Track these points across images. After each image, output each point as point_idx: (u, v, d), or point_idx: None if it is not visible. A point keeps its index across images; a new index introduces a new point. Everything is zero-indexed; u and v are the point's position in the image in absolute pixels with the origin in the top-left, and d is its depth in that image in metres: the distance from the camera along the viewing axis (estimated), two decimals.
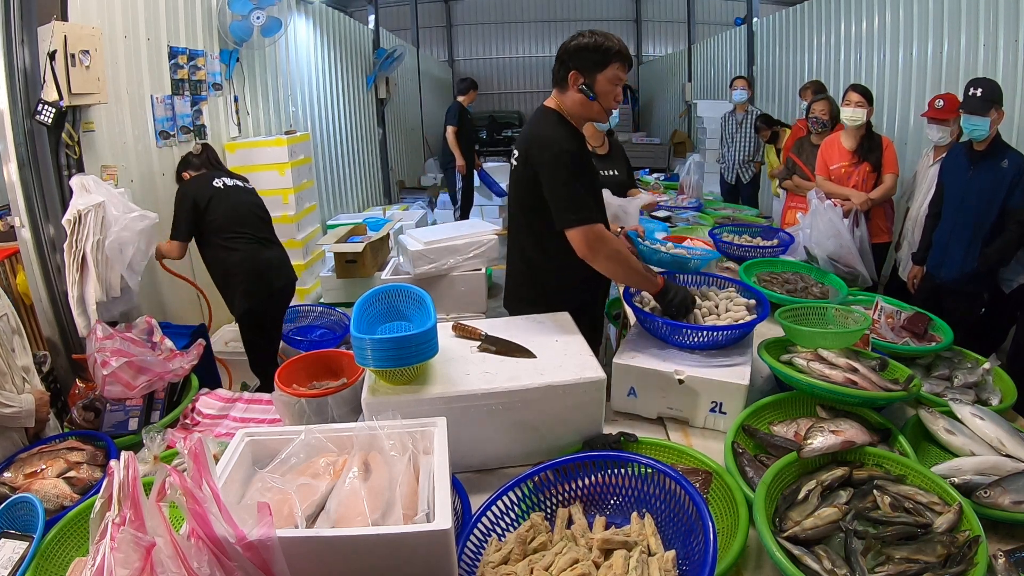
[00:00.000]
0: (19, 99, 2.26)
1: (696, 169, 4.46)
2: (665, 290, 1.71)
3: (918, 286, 2.95)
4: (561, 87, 1.74)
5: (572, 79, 1.70)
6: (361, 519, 0.95)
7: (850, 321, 1.70)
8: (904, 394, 1.43)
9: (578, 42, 1.69)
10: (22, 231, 2.35)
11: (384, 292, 1.56)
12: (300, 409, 1.51)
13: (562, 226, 1.66)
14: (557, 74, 1.74)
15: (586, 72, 1.69)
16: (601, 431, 1.43)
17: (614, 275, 1.71)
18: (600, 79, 1.69)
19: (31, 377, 1.80)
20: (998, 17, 3.41)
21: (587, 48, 1.68)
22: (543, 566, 1.01)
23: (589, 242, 1.64)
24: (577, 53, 1.69)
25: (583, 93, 1.70)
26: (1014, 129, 3.22)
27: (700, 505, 1.00)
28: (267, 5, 3.85)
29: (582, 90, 1.70)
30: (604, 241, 1.65)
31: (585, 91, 1.70)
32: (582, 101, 1.72)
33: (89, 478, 1.49)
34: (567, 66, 1.70)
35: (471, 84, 6.30)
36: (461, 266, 3.38)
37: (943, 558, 1.03)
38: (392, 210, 6.01)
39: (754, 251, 2.79)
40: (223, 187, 2.79)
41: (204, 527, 0.81)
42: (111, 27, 2.85)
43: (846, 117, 3.13)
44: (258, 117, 4.41)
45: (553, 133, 1.69)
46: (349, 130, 6.48)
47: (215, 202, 2.71)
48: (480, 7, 14.86)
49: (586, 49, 1.68)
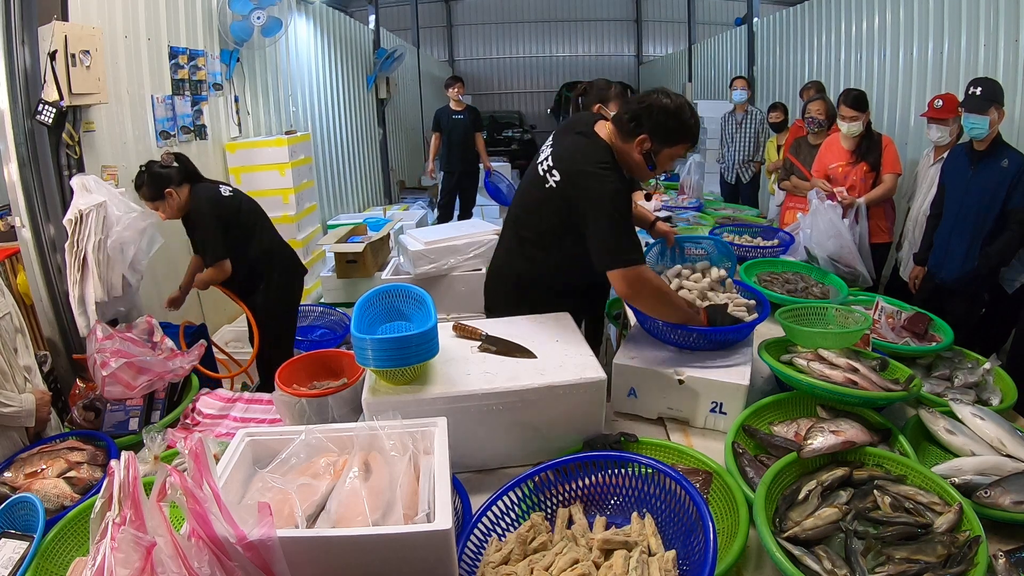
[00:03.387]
0: (20, 99, 2.26)
1: (696, 169, 4.45)
2: (710, 321, 1.65)
3: (919, 286, 2.94)
4: (624, 135, 1.62)
5: (640, 142, 1.60)
6: (361, 519, 0.95)
7: (850, 321, 1.70)
8: (904, 394, 1.43)
9: (662, 104, 1.57)
10: (23, 231, 2.35)
11: (384, 292, 1.57)
12: (300, 409, 1.51)
13: (603, 267, 1.58)
14: (625, 123, 1.61)
15: (656, 140, 1.59)
16: (601, 431, 1.43)
17: (657, 314, 1.62)
18: (665, 153, 1.62)
19: (33, 377, 1.79)
20: (998, 17, 3.42)
21: (668, 116, 1.57)
22: (543, 566, 1.01)
23: (631, 284, 1.57)
24: (655, 117, 1.57)
25: (645, 159, 1.61)
26: (1014, 129, 3.21)
27: (700, 505, 1.00)
28: (267, 5, 3.85)
29: (646, 156, 1.61)
30: (645, 282, 1.58)
31: (648, 159, 1.61)
32: (637, 161, 1.63)
33: (89, 478, 1.49)
34: (641, 126, 1.58)
35: (452, 80, 6.19)
36: (461, 266, 3.37)
37: (943, 558, 1.03)
38: (392, 210, 6.01)
39: (754, 251, 2.79)
40: (233, 194, 2.76)
41: (204, 527, 0.81)
42: (111, 27, 2.85)
43: (843, 130, 3.13)
44: (258, 117, 4.41)
45: (607, 172, 1.59)
46: (349, 130, 6.48)
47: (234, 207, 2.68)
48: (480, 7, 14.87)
49: (667, 117, 1.57)
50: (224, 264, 2.61)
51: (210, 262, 2.62)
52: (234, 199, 2.74)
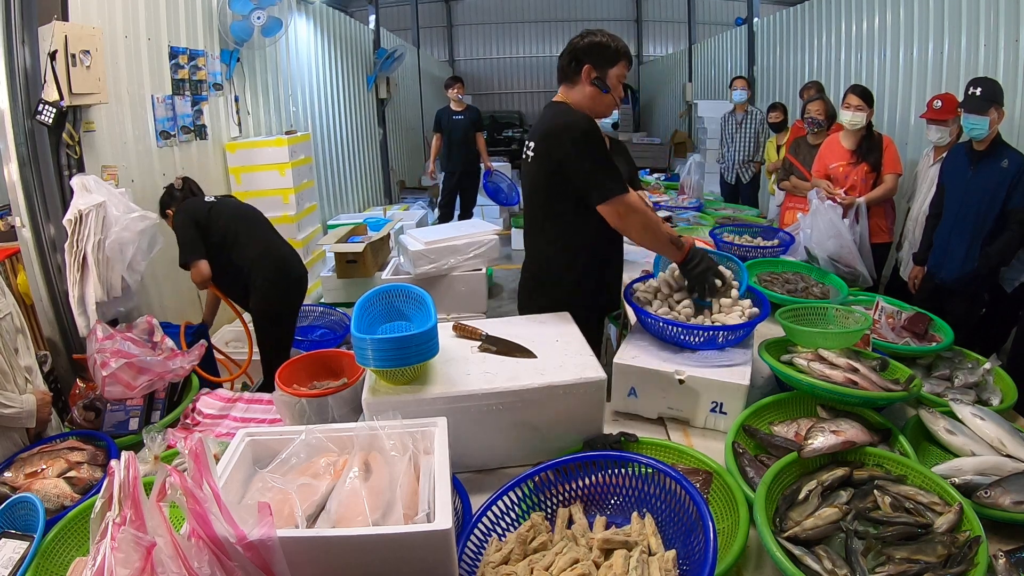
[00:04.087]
0: (20, 99, 2.26)
1: (697, 169, 4.45)
2: (689, 258, 1.77)
3: (918, 286, 2.94)
4: (571, 82, 1.82)
5: (586, 73, 1.78)
6: (362, 519, 0.95)
7: (851, 321, 1.70)
8: (905, 394, 1.42)
9: (591, 40, 1.79)
10: (23, 231, 2.35)
11: (385, 292, 1.56)
12: (301, 409, 1.51)
13: (596, 201, 1.73)
14: (568, 69, 1.81)
15: (599, 67, 1.78)
16: (601, 431, 1.43)
17: (645, 243, 1.80)
18: (611, 74, 1.80)
19: (34, 377, 1.79)
20: (998, 17, 3.42)
21: (600, 45, 1.78)
22: (543, 566, 1.01)
23: (621, 214, 1.73)
24: (591, 49, 1.78)
25: (596, 86, 1.79)
26: (1014, 129, 3.21)
27: (700, 505, 1.00)
28: (268, 5, 3.85)
29: (595, 83, 1.78)
30: (635, 211, 1.74)
31: (599, 84, 1.79)
32: (593, 94, 1.80)
33: (90, 478, 1.49)
34: (581, 61, 1.78)
35: (452, 80, 6.18)
36: (461, 266, 3.38)
37: (944, 558, 1.03)
38: (393, 210, 6.01)
39: (755, 251, 2.79)
40: (216, 200, 2.83)
41: (204, 527, 0.81)
42: (111, 27, 2.85)
43: (846, 121, 3.11)
44: (259, 117, 4.42)
45: (570, 120, 1.76)
46: (350, 130, 6.48)
47: (215, 214, 2.72)
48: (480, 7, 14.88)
49: (599, 46, 1.78)
50: (200, 264, 2.62)
51: (183, 262, 2.65)
52: (217, 204, 2.78)
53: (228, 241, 2.71)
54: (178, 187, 2.88)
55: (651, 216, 1.83)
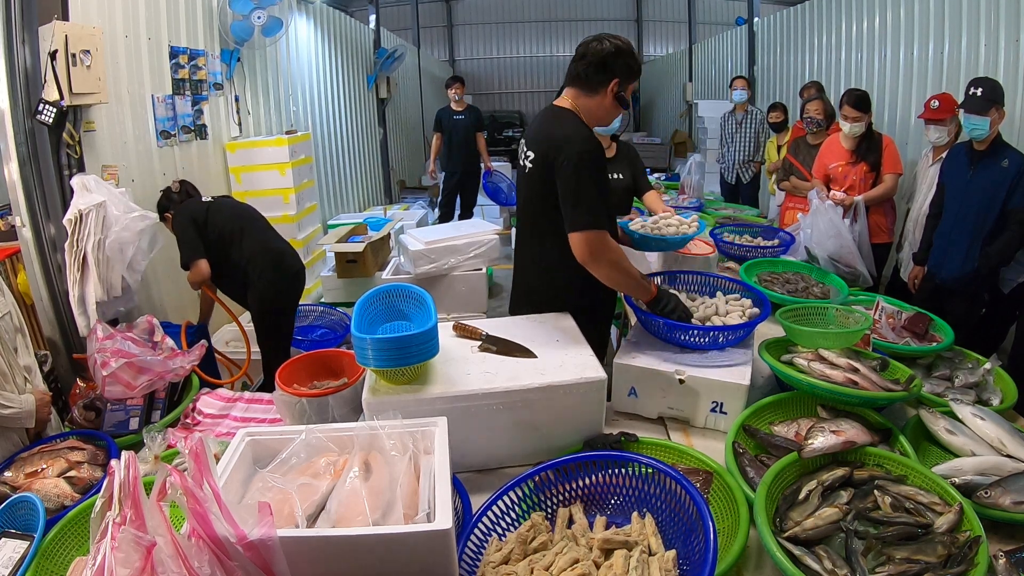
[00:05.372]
0: (20, 98, 2.27)
1: (697, 169, 4.45)
2: (657, 299, 1.71)
3: (918, 286, 2.94)
4: (591, 90, 1.70)
5: (613, 86, 1.68)
6: (362, 519, 0.95)
7: (851, 321, 1.70)
8: (905, 394, 1.42)
9: (619, 49, 1.67)
10: (23, 230, 2.35)
11: (385, 292, 1.57)
12: (301, 409, 1.51)
13: (571, 227, 1.62)
14: (593, 78, 1.68)
15: (624, 82, 1.70)
16: (602, 431, 1.43)
17: (611, 281, 1.70)
18: (628, 89, 1.73)
19: (33, 377, 1.79)
20: (999, 17, 3.41)
21: (630, 55, 1.69)
22: (543, 566, 1.01)
23: (592, 247, 1.61)
24: (621, 62, 1.68)
25: (619, 101, 1.70)
26: (1014, 129, 3.21)
27: (700, 505, 1.00)
28: (268, 5, 3.85)
29: (619, 97, 1.70)
30: (606, 248, 1.63)
31: (621, 100, 1.71)
32: (609, 107, 1.71)
33: (90, 478, 1.49)
34: (612, 73, 1.67)
35: (452, 80, 6.17)
36: (462, 266, 3.38)
37: (944, 558, 1.03)
38: (393, 210, 6.01)
39: (755, 251, 2.79)
40: (213, 200, 2.85)
41: (205, 527, 0.81)
42: (112, 27, 2.85)
43: (845, 131, 3.13)
44: (259, 117, 4.42)
45: (576, 134, 1.66)
46: (350, 130, 6.48)
47: (213, 213, 2.74)
48: (480, 7, 14.88)
49: (628, 61, 1.69)
50: (200, 264, 2.62)
51: (184, 262, 2.65)
52: (214, 204, 2.80)
53: (226, 239, 2.73)
54: (175, 190, 2.89)
55: (622, 256, 1.70)
